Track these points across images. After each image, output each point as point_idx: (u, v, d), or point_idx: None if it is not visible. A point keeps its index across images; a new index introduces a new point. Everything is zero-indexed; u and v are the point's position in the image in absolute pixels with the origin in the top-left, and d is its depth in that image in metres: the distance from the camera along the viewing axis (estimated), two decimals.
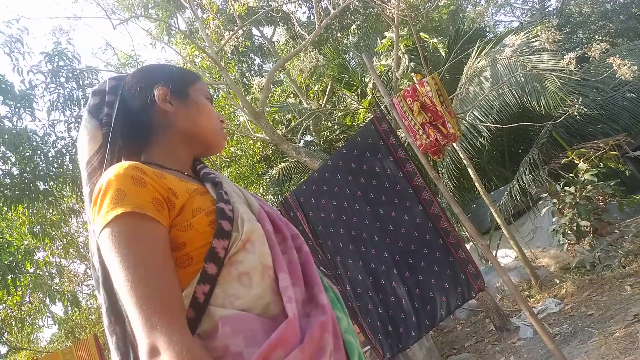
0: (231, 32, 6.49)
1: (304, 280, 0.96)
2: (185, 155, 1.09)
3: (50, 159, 6.37)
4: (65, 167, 6.42)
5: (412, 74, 7.24)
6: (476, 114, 8.01)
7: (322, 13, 6.14)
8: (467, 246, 7.89)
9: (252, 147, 10.40)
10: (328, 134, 11.53)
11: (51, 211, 7.10)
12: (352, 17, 12.01)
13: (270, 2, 10.63)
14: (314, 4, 6.06)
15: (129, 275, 0.79)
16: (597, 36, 13.95)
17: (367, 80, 8.90)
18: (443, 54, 8.14)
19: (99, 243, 0.86)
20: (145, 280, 0.79)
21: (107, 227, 0.83)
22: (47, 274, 8.36)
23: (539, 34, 5.75)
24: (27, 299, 8.95)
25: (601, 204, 6.15)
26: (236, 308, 0.84)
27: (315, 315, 0.89)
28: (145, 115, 1.06)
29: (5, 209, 6.31)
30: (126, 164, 0.89)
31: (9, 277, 6.07)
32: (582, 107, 6.64)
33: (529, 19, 17.08)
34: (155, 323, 0.76)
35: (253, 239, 0.90)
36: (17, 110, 6.23)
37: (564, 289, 5.76)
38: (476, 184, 6.95)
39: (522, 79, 7.54)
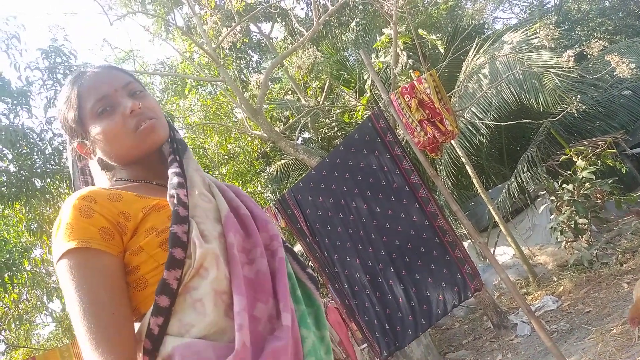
0: (229, 29, 6.46)
1: (273, 291, 0.92)
2: (139, 167, 1.06)
3: (47, 156, 6.36)
4: (62, 164, 6.40)
5: (411, 70, 7.21)
6: (474, 111, 8.00)
7: (320, 9, 6.11)
8: (465, 244, 7.90)
9: (250, 144, 10.39)
10: (326, 131, 11.50)
11: (48, 208, 7.09)
12: (351, 14, 11.97)
13: None
14: (312, 0, 6.04)
15: (76, 309, 0.83)
16: (595, 33, 13.93)
17: (365, 77, 8.87)
18: (442, 50, 8.11)
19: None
20: (89, 313, 0.83)
21: (58, 262, 0.87)
22: (44, 271, 8.35)
23: (538, 31, 5.73)
24: (25, 297, 8.93)
25: (599, 201, 6.15)
26: (192, 336, 0.83)
27: (274, 340, 0.86)
28: (89, 169, 1.16)
29: (2, 206, 6.31)
30: (77, 195, 0.91)
31: (6, 274, 6.07)
32: (580, 104, 6.63)
33: (527, 16, 17.06)
34: (99, 355, 0.80)
35: (206, 265, 0.87)
36: (14, 107, 6.21)
37: (562, 287, 5.76)
38: (474, 182, 6.95)
39: (521, 76, 7.53)
